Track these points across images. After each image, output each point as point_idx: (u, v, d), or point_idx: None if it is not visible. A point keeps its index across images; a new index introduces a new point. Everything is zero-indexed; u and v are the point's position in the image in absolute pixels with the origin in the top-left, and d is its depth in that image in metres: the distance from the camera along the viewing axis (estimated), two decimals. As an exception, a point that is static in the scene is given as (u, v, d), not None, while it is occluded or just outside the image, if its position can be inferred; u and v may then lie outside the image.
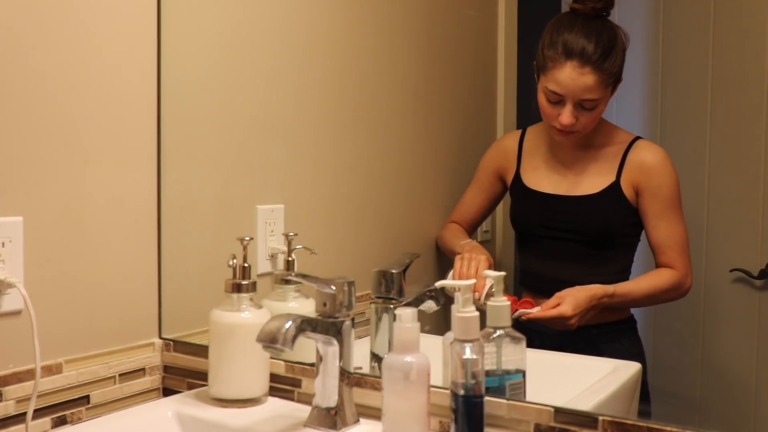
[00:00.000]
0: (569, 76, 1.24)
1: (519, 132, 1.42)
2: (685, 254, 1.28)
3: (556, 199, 1.32)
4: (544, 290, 1.28)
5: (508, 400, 0.99)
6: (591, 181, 1.31)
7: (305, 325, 0.97)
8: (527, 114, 1.51)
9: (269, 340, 0.94)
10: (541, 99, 1.30)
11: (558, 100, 1.26)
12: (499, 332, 0.99)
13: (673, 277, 1.28)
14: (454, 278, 1.26)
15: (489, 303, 0.99)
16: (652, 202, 1.28)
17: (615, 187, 1.28)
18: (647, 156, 1.30)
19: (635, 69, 1.31)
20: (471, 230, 1.43)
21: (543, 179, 1.35)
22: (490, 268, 1.26)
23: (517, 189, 1.37)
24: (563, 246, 1.30)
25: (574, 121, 1.26)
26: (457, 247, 1.35)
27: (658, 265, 1.28)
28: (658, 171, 1.29)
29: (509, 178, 1.39)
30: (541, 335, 1.26)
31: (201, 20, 1.38)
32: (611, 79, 1.25)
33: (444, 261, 1.53)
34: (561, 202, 1.31)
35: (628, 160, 1.29)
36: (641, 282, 1.30)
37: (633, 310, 1.32)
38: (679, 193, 1.28)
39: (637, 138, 1.30)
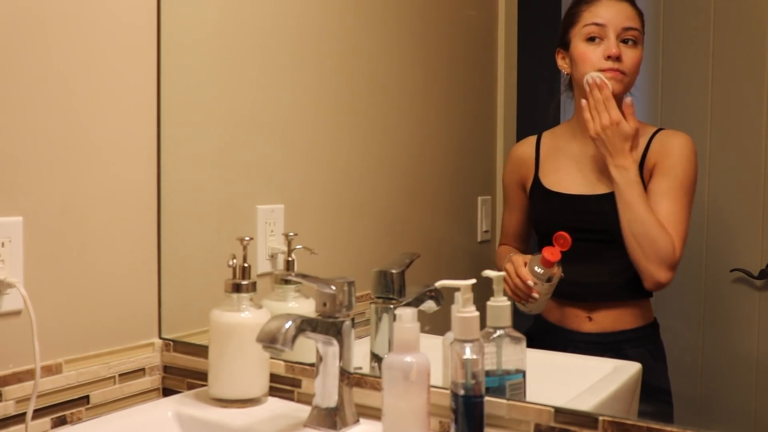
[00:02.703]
0: (608, 4, 1.26)
1: (534, 138, 1.40)
2: (681, 242, 1.21)
3: (580, 200, 1.30)
4: (567, 294, 1.26)
5: (508, 400, 0.99)
6: None
7: (305, 325, 0.97)
8: (527, 113, 1.51)
9: (269, 340, 0.94)
10: (580, 48, 1.28)
11: (599, 35, 1.25)
12: (499, 332, 0.99)
13: (671, 245, 1.20)
14: (508, 285, 1.25)
15: (489, 303, 0.99)
16: (661, 179, 1.24)
17: None
18: (669, 139, 1.26)
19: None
20: (522, 246, 1.39)
21: (564, 180, 1.33)
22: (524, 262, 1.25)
23: (538, 193, 1.35)
24: (588, 247, 1.26)
25: (620, 52, 1.24)
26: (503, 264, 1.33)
27: None
28: (676, 153, 1.25)
29: (528, 184, 1.37)
30: (571, 341, 1.26)
31: (201, 20, 1.38)
32: (641, 18, 1.26)
33: (444, 261, 1.53)
34: (584, 202, 1.28)
35: (650, 149, 1.26)
36: (647, 209, 1.21)
37: (655, 314, 1.29)
38: (692, 181, 1.24)
39: (660, 129, 1.28)
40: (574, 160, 1.33)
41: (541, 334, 1.26)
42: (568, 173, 1.33)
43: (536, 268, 1.23)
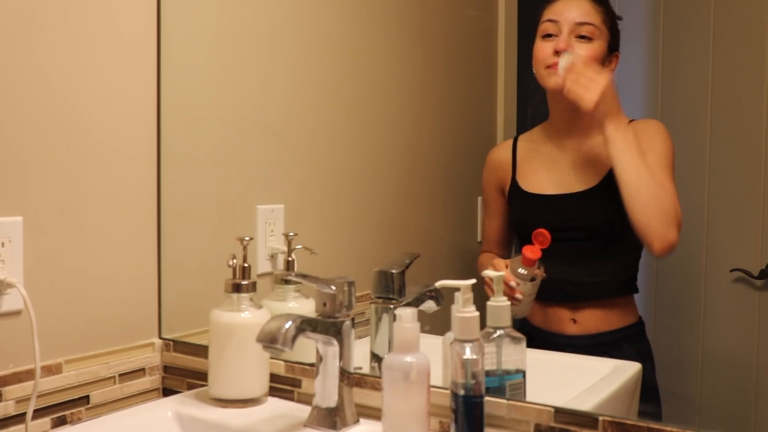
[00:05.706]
0: (564, 2, 1.26)
1: (510, 141, 1.40)
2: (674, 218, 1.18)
3: (557, 199, 1.30)
4: (550, 295, 1.26)
5: (508, 400, 0.99)
6: (589, 175, 1.27)
7: (305, 325, 0.97)
8: (527, 113, 1.51)
9: (269, 340, 0.94)
10: (536, 45, 1.28)
11: (554, 32, 1.25)
12: (499, 332, 0.99)
13: (677, 201, 1.17)
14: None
15: (489, 303, 0.99)
16: (645, 155, 1.21)
17: (612, 174, 1.21)
18: (642, 124, 1.25)
19: (635, 68, 1.31)
20: (504, 253, 1.38)
21: (542, 181, 1.33)
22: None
23: (516, 195, 1.35)
24: (568, 246, 1.26)
25: (568, 47, 1.23)
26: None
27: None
28: (652, 133, 1.24)
29: (506, 188, 1.37)
30: (554, 344, 1.26)
31: (201, 20, 1.38)
32: (605, 15, 1.25)
33: (444, 261, 1.53)
34: (562, 202, 1.28)
35: None
36: (649, 166, 1.17)
37: (640, 313, 1.29)
38: (672, 159, 1.23)
39: (632, 120, 1.26)
40: (551, 162, 1.33)
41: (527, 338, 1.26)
42: (544, 174, 1.34)
43: (519, 270, 1.22)
